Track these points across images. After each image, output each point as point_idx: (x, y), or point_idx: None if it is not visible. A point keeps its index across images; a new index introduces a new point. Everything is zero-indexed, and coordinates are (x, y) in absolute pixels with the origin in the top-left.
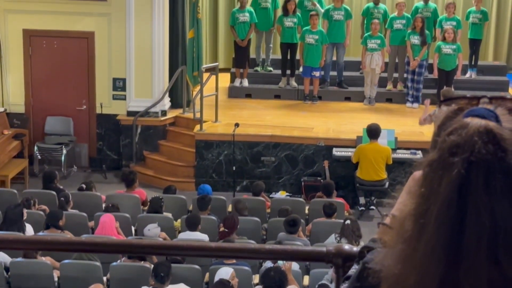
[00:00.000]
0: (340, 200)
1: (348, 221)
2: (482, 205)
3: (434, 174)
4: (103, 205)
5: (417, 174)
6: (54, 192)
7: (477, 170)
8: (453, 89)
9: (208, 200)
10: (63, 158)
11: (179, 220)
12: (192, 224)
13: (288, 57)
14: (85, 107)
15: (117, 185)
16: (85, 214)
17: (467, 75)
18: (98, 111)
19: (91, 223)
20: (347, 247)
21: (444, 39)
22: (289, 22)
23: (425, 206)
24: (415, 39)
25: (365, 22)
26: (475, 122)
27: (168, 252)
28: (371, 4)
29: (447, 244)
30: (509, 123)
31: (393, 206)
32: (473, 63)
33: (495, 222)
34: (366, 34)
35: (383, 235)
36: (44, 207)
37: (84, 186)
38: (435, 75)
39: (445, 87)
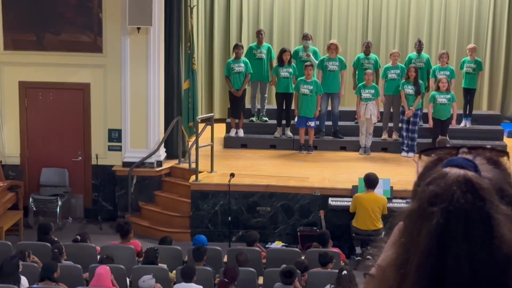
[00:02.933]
0: (336, 250)
1: (344, 272)
2: (461, 254)
3: (414, 224)
4: (98, 257)
5: (402, 224)
6: (48, 244)
7: (456, 220)
8: (448, 139)
9: (203, 251)
10: (58, 209)
11: (174, 271)
12: (187, 275)
13: (284, 107)
14: (80, 158)
15: (113, 236)
16: (79, 266)
17: (462, 124)
18: (93, 162)
19: (86, 275)
20: None
21: (438, 89)
22: (284, 72)
23: (405, 256)
24: (409, 89)
25: (356, 72)
26: (454, 172)
27: None
28: (361, 55)
29: None
30: (487, 173)
31: (379, 256)
32: (467, 112)
33: (475, 271)
34: (360, 84)
35: (367, 286)
36: (36, 259)
37: (78, 237)
38: (430, 124)
39: (440, 136)
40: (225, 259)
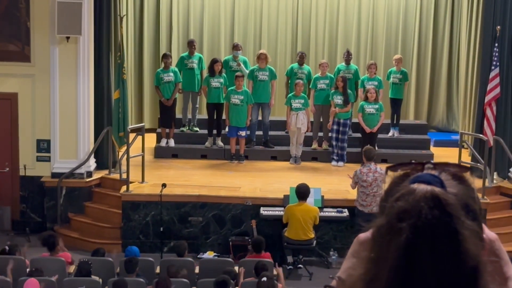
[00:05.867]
0: (268, 258)
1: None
2: (428, 269)
3: (383, 240)
4: (27, 270)
5: (362, 237)
6: None
7: (423, 235)
8: (374, 148)
9: (135, 263)
10: None
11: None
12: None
13: (215, 117)
14: (7, 169)
15: (41, 249)
16: (9, 279)
17: (390, 133)
18: (21, 173)
19: None
20: None
21: (366, 99)
22: (215, 82)
23: (374, 271)
24: (338, 99)
25: (289, 82)
26: (421, 188)
27: None
28: (295, 64)
29: None
30: (453, 188)
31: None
32: (395, 122)
33: (442, 286)
34: (290, 94)
35: None
36: None
37: (7, 248)
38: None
39: (368, 145)
40: (157, 270)
